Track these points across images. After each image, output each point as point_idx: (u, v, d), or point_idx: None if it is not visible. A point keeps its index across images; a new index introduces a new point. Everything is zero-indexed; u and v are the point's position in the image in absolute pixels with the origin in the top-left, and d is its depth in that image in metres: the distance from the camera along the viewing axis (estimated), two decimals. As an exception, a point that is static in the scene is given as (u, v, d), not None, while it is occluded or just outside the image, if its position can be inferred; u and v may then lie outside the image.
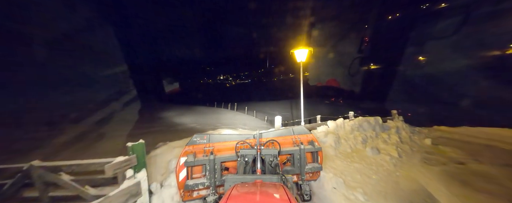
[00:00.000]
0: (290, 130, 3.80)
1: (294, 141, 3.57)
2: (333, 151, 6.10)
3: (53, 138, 8.53)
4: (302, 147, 3.28)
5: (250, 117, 14.57)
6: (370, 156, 6.09)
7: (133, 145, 3.23)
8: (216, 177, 2.97)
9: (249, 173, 2.84)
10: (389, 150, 6.52)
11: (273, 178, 2.13)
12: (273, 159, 2.92)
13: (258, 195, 1.58)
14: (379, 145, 6.96)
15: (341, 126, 7.62)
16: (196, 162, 3.01)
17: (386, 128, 8.53)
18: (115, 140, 8.68)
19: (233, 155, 3.16)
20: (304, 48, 6.43)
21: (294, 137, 3.67)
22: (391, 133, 8.10)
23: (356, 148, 6.64)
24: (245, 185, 1.82)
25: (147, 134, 9.62)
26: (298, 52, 6.50)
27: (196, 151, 3.17)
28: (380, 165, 5.45)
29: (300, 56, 6.50)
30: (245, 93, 36.25)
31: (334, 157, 5.82)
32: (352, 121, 8.07)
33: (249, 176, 2.20)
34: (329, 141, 6.51)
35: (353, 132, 7.57)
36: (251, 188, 1.74)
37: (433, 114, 19.14)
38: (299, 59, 6.56)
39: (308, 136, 3.77)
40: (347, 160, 5.64)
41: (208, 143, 3.28)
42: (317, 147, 3.56)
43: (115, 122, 13.38)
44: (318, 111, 24.38)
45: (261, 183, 1.90)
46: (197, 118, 13.78)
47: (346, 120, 8.11)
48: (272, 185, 1.83)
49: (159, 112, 16.98)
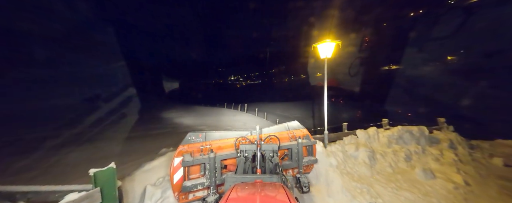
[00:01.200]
0: (285, 125, 3.84)
1: (290, 136, 3.64)
2: (368, 170, 4.56)
3: (48, 139, 8.12)
4: (300, 141, 3.42)
5: (261, 119, 13.68)
6: (422, 180, 4.43)
7: (96, 173, 2.33)
8: (216, 176, 2.88)
9: (249, 171, 2.80)
10: (448, 173, 4.77)
11: (273, 178, 2.11)
12: (273, 155, 2.91)
13: (258, 195, 1.55)
14: (431, 165, 5.22)
15: (375, 137, 6.01)
16: (195, 161, 2.82)
17: (434, 141, 6.66)
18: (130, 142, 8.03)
19: (233, 152, 3.06)
20: (331, 41, 5.09)
21: (290, 132, 3.75)
22: (443, 148, 6.23)
23: (399, 167, 5.00)
24: (245, 185, 1.79)
25: (149, 136, 8.87)
26: (323, 46, 5.17)
27: (192, 150, 3.00)
28: (443, 197, 3.80)
29: (324, 51, 5.16)
30: (255, 94, 35.37)
31: (370, 179, 4.28)
32: (388, 130, 6.40)
33: (249, 176, 2.16)
34: (361, 156, 4.98)
35: (391, 145, 5.90)
36: (251, 188, 1.72)
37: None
38: (323, 55, 5.21)
39: (303, 131, 3.88)
40: (391, 185, 4.08)
41: (204, 141, 3.12)
42: (313, 140, 3.82)
43: (124, 122, 13.08)
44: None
45: (261, 183, 1.88)
46: (206, 119, 12.97)
47: (380, 129, 6.47)
48: (272, 185, 1.82)
49: (169, 112, 16.61)
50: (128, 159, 5.51)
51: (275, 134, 3.48)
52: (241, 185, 1.80)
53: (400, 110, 21.06)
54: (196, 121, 12.67)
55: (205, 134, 3.14)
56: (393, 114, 19.34)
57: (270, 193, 1.62)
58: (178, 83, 46.45)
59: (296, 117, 16.69)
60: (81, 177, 4.30)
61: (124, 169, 4.55)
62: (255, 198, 1.49)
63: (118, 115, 15.08)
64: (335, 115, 23.14)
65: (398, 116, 17.78)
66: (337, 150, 4.87)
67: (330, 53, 5.16)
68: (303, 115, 18.97)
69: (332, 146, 5.07)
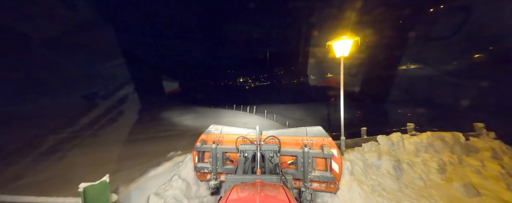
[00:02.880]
0: (303, 130, 3.44)
1: (305, 143, 3.19)
2: (394, 182, 3.93)
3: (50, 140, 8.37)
4: (306, 150, 2.96)
5: (270, 121, 13.41)
6: (464, 197, 3.70)
7: (86, 188, 2.14)
8: (217, 165, 3.21)
9: (248, 171, 2.80)
10: (495, 189, 3.97)
11: (273, 178, 2.08)
12: (273, 155, 2.84)
13: (257, 195, 1.55)
14: (471, 179, 4.41)
15: (399, 144, 5.31)
16: (202, 148, 3.40)
17: (471, 150, 5.75)
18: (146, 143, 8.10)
19: (234, 147, 3.22)
20: (348, 38, 4.61)
21: (306, 138, 3.34)
22: (484, 158, 5.32)
23: (431, 180, 4.28)
24: (245, 185, 1.79)
25: (158, 139, 8.85)
26: (339, 44, 4.70)
27: (208, 139, 3.59)
28: (494, 220, 3.07)
29: (341, 50, 4.70)
30: (264, 95, 35.06)
31: (398, 193, 3.66)
32: (415, 137, 5.65)
33: (249, 176, 2.15)
34: (384, 165, 4.36)
35: (420, 153, 5.16)
36: (250, 188, 1.71)
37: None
38: (339, 54, 4.75)
39: (324, 140, 3.27)
40: (424, 202, 3.43)
41: (220, 134, 3.61)
42: (327, 153, 2.99)
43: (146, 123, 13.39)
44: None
45: (260, 183, 1.88)
46: (215, 122, 12.86)
47: (405, 135, 5.74)
48: (271, 185, 1.81)
49: (179, 114, 16.80)
50: (132, 163, 5.40)
51: (287, 137, 3.38)
52: (241, 185, 1.80)
53: (423, 112, 18.98)
54: (206, 122, 12.62)
55: (222, 128, 3.68)
56: (417, 116, 17.55)
57: (270, 193, 1.62)
58: (189, 85, 47.98)
59: (311, 121, 16.00)
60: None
61: (130, 174, 4.40)
62: (255, 198, 1.49)
63: (134, 116, 15.60)
64: (350, 118, 21.88)
65: (423, 120, 16.04)
66: (356, 158, 4.31)
67: (347, 51, 4.67)
68: (312, 115, 18.25)
69: (350, 153, 4.51)
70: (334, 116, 17.25)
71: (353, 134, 5.96)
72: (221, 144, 3.42)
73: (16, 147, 7.58)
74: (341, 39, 4.59)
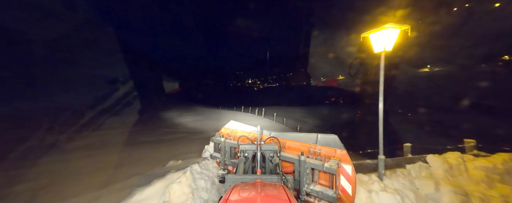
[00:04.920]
0: (314, 136, 2.96)
1: (311, 151, 2.85)
2: (465, 229, 2.69)
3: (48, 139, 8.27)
4: (302, 158, 2.65)
5: (280, 124, 12.67)
6: None
7: None
8: (226, 157, 3.48)
9: (249, 171, 2.77)
10: None
11: (273, 178, 2.06)
12: (273, 155, 2.78)
13: (258, 195, 1.54)
14: None
15: (460, 167, 3.96)
16: (214, 140, 3.89)
17: None
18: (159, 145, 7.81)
19: (237, 144, 3.27)
20: (394, 27, 3.52)
21: (313, 146, 2.88)
22: None
23: (523, 229, 2.91)
24: (245, 185, 1.78)
25: (163, 142, 8.43)
26: (379, 35, 3.63)
27: (225, 133, 3.99)
28: None
29: (382, 42, 3.62)
30: (272, 97, 33.93)
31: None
32: (482, 159, 4.22)
33: (249, 176, 2.11)
34: (446, 200, 3.12)
35: (494, 183, 3.75)
36: (251, 188, 1.71)
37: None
38: (379, 48, 3.69)
39: (336, 152, 2.67)
40: None
41: (235, 130, 3.91)
42: (329, 166, 2.45)
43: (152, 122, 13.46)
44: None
45: (261, 183, 1.86)
46: (223, 122, 12.32)
47: (465, 156, 4.33)
48: (272, 185, 1.80)
49: (187, 115, 16.68)
50: (131, 172, 4.87)
51: (293, 141, 3.14)
52: (241, 185, 1.78)
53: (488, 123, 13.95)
54: (212, 125, 12.10)
55: (237, 124, 3.96)
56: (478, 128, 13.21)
57: (270, 193, 1.59)
58: (198, 86, 49.25)
59: (327, 128, 14.55)
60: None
61: (120, 190, 3.83)
62: (255, 198, 1.47)
63: (145, 115, 15.95)
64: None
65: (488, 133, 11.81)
66: (403, 187, 3.17)
67: (392, 44, 3.55)
68: (324, 120, 16.67)
69: (393, 179, 3.37)
70: (359, 128, 15.29)
71: (392, 152, 4.69)
72: (232, 139, 3.65)
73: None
74: (383, 29, 3.48)
